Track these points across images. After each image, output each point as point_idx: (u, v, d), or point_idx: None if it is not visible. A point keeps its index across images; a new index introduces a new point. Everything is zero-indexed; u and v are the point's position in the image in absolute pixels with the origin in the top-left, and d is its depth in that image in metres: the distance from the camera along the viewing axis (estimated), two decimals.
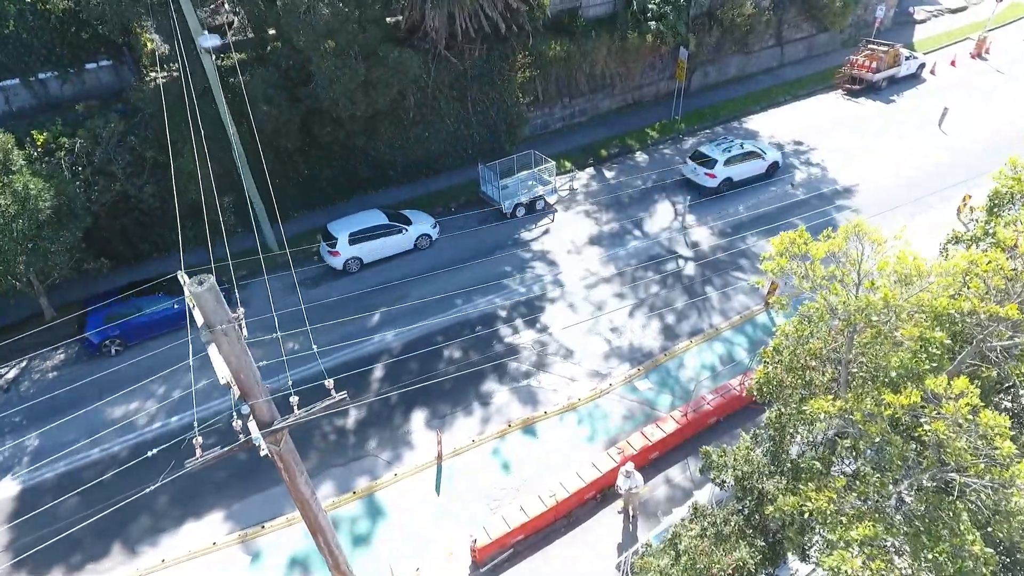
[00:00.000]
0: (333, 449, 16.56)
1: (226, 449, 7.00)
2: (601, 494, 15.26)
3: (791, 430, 8.87)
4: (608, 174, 28.19)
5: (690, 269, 22.41)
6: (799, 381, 8.05)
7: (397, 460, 16.24)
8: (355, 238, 21.99)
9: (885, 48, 34.04)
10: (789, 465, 8.87)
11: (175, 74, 22.97)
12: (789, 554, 10.65)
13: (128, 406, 17.72)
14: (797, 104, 33.74)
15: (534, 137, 29.90)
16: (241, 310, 7.12)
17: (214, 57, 21.41)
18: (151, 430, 17.10)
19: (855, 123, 31.31)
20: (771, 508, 7.85)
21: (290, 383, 8.02)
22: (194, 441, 7.22)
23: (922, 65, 35.59)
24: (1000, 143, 28.01)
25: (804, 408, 7.36)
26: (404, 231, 22.78)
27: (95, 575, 14.13)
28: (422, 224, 23.33)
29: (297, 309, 21.10)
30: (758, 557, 10.17)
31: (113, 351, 19.31)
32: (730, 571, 10.20)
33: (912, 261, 6.70)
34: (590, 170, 28.42)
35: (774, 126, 31.37)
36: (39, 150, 19.64)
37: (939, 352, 6.19)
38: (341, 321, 18.95)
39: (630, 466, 14.04)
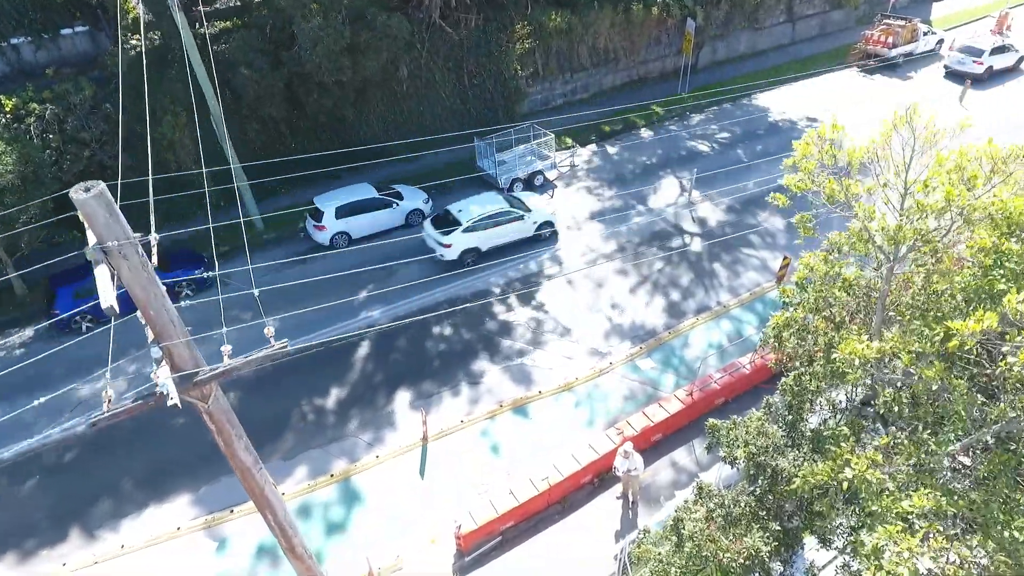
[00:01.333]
0: (312, 430, 15.41)
1: (136, 403, 5.84)
2: (599, 478, 14.04)
3: (811, 394, 7.62)
4: (611, 150, 26.92)
5: (697, 245, 21.12)
6: (825, 324, 6.77)
7: (379, 442, 15.08)
8: (342, 212, 20.84)
9: (902, 23, 32.55)
10: (809, 434, 7.62)
11: (156, 41, 21.92)
12: (806, 539, 9.42)
13: (96, 384, 16.64)
14: (809, 82, 32.26)
15: (534, 113, 28.63)
16: (155, 236, 5.96)
17: (198, 26, 20.34)
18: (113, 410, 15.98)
19: (871, 101, 29.86)
20: (797, 481, 6.61)
21: (224, 329, 6.85)
22: (103, 394, 6.10)
23: (940, 41, 34.05)
24: (1022, 121, 26.53)
25: (832, 357, 6.10)
26: (395, 206, 21.61)
27: (49, 562, 13.04)
28: (414, 199, 22.15)
29: (281, 285, 20.07)
30: (772, 543, 8.93)
31: (84, 327, 18.25)
32: (740, 559, 8.96)
33: (986, 148, 5.35)
34: (592, 147, 27.16)
35: (786, 103, 29.99)
36: (7, 116, 18.60)
37: (1018, 268, 4.87)
38: (315, 295, 17.80)
39: (629, 446, 12.80)
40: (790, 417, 8.14)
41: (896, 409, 5.71)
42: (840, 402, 7.94)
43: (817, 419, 8.35)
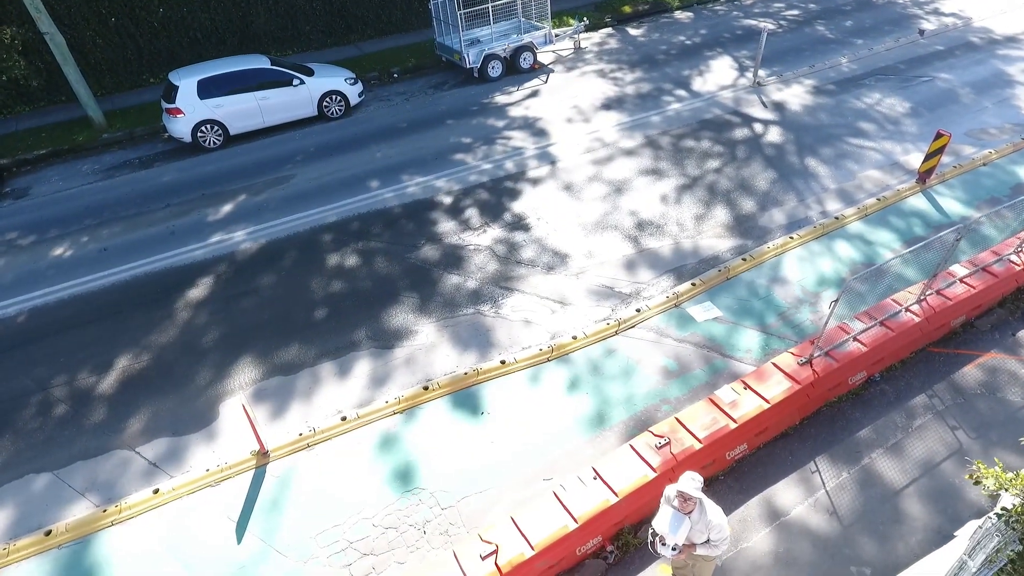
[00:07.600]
0: (56, 433, 7.94)
1: None
2: (614, 544, 6.35)
3: None
4: (634, 32, 19.05)
5: (774, 135, 13.23)
6: None
7: (175, 458, 7.55)
8: (210, 90, 13.29)
9: None
10: None
11: None
12: None
13: None
14: None
15: None
16: None
17: None
18: None
19: None
20: None
21: None
22: None
23: None
24: None
25: None
26: (297, 83, 14.00)
27: None
28: (329, 77, 14.53)
29: (92, 199, 12.64)
30: None
31: None
32: None
33: None
34: (607, 30, 19.31)
35: None
36: None
37: None
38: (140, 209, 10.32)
39: (691, 485, 4.93)
40: None
41: None
42: None
43: None
